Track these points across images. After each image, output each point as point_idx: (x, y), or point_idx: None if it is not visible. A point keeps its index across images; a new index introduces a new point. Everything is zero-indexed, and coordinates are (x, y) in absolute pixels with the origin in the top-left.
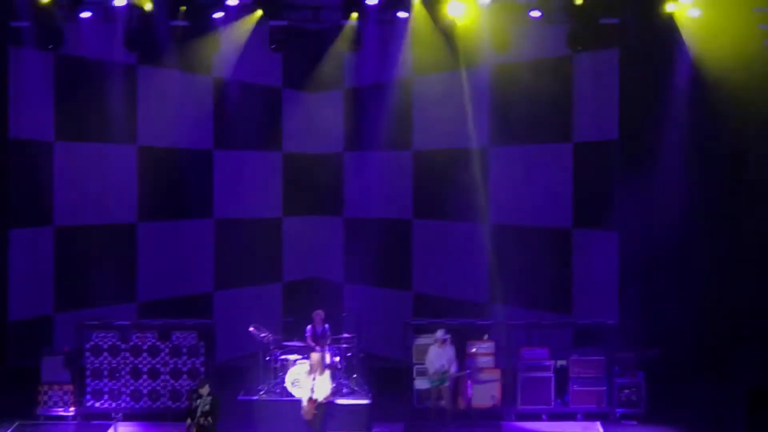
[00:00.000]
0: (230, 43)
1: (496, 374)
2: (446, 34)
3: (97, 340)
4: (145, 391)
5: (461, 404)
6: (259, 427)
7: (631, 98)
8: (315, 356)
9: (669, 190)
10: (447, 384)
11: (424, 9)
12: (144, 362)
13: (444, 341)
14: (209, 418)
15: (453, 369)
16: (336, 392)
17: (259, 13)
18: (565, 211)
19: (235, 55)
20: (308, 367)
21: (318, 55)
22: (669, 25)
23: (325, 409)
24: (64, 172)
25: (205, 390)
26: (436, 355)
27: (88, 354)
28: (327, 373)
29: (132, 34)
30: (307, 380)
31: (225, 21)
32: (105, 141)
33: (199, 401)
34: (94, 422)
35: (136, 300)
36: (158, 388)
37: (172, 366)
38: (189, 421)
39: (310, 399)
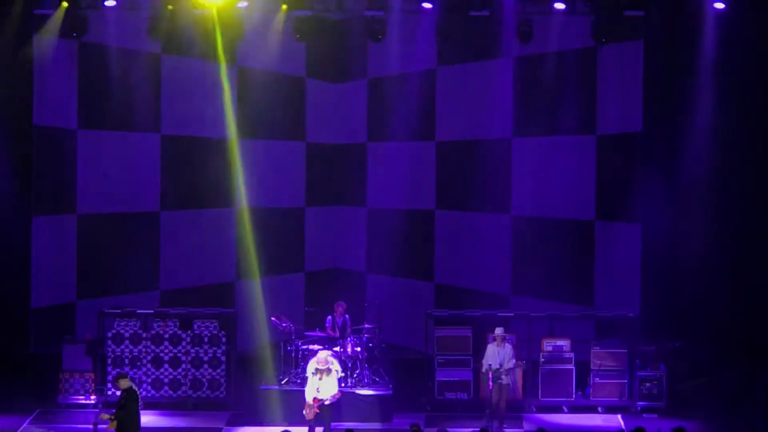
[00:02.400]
0: (254, 32)
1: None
2: (469, 25)
3: (118, 328)
4: (166, 380)
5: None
6: (280, 417)
7: (655, 90)
8: (321, 356)
9: (692, 182)
10: (502, 381)
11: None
12: (165, 351)
13: (503, 339)
14: (122, 414)
15: (510, 366)
16: (341, 393)
17: (284, 6)
18: (587, 203)
19: (259, 44)
20: (314, 368)
21: (342, 45)
22: (693, 17)
23: (331, 410)
24: (88, 160)
25: (123, 383)
26: (493, 352)
27: (109, 342)
28: (334, 373)
29: (156, 22)
30: (313, 380)
31: (249, 11)
32: (128, 129)
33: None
34: (115, 410)
35: (159, 288)
36: (179, 377)
37: (193, 355)
38: (104, 415)
39: (315, 399)
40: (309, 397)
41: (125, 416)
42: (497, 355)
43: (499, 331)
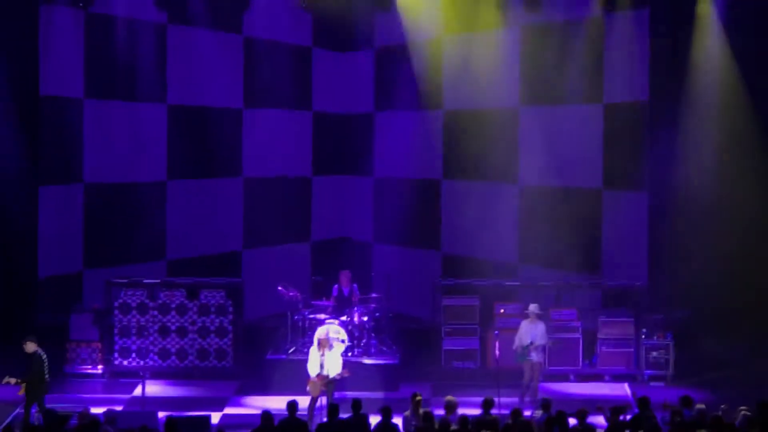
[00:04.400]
0: (260, 1)
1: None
2: None
3: (125, 297)
4: (173, 350)
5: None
6: (287, 386)
7: (661, 58)
8: (321, 331)
9: (699, 150)
10: (531, 359)
11: None
12: (172, 320)
13: (537, 316)
14: (31, 377)
15: (543, 343)
16: (346, 367)
17: None
18: (595, 171)
19: (265, 14)
20: (316, 343)
21: (348, 14)
22: None
23: (335, 385)
24: (94, 129)
25: (29, 347)
26: (526, 330)
27: (116, 312)
28: (336, 348)
29: None
30: (316, 355)
31: None
32: (135, 99)
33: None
34: (122, 380)
35: (165, 258)
36: (186, 346)
37: (200, 324)
38: (9, 378)
39: (320, 375)
40: (312, 372)
41: (33, 379)
42: (530, 332)
43: (532, 307)
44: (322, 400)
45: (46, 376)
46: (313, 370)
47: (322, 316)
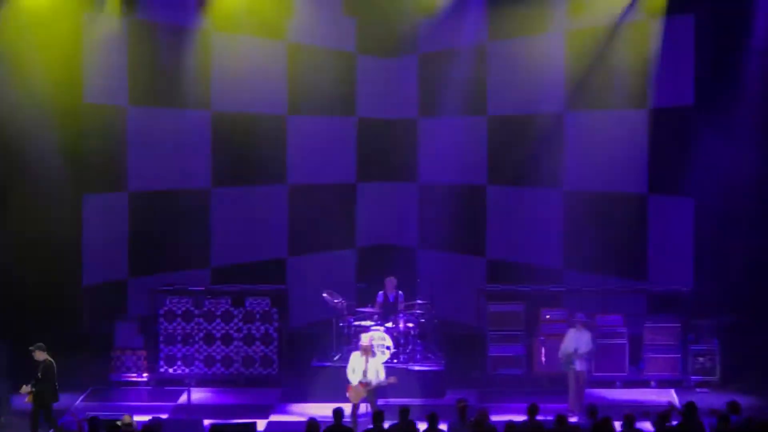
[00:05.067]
0: (304, 8)
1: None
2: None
3: (170, 305)
4: (218, 357)
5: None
6: (332, 394)
7: (706, 63)
8: (365, 337)
9: (745, 155)
10: (575, 367)
11: None
12: (217, 328)
13: (583, 324)
14: (42, 386)
15: (587, 352)
16: (392, 374)
17: None
18: (640, 177)
19: (309, 20)
20: (361, 350)
21: (393, 20)
22: None
23: (377, 393)
24: (139, 137)
25: (39, 355)
26: (572, 338)
27: (161, 319)
28: (380, 355)
29: None
30: (360, 362)
31: None
32: (179, 106)
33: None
34: (167, 388)
35: (210, 265)
36: (231, 354)
37: (245, 332)
38: (26, 387)
39: (361, 382)
40: (353, 378)
41: (44, 388)
42: (575, 340)
43: (579, 316)
44: (367, 407)
45: (56, 385)
46: (354, 376)
47: (368, 322)
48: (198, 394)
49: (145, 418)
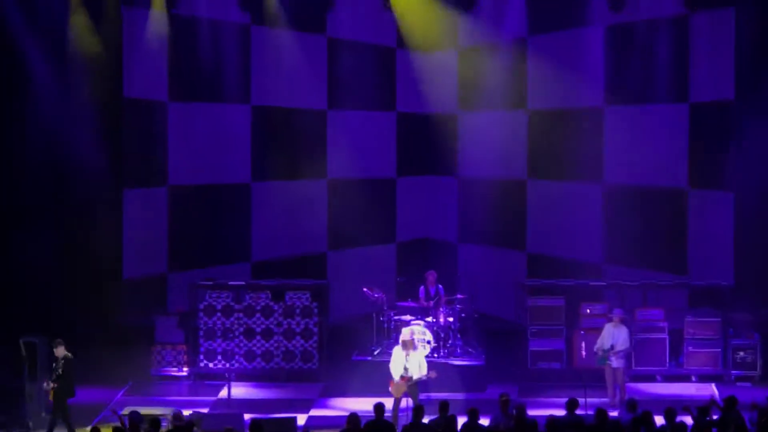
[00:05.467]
0: (344, 2)
1: None
2: None
3: (210, 300)
4: (258, 352)
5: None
6: (372, 388)
7: (747, 57)
8: (406, 332)
9: None
10: (611, 363)
11: None
12: (258, 322)
13: (621, 320)
14: (62, 382)
15: (623, 349)
16: (433, 369)
17: None
18: (680, 171)
19: (349, 14)
20: (401, 344)
21: (432, 14)
22: None
23: (418, 388)
24: (179, 131)
25: (59, 351)
26: (609, 333)
27: (201, 314)
28: (421, 349)
29: None
30: (401, 356)
31: None
32: (219, 101)
33: (55, 364)
34: (208, 382)
35: (250, 260)
36: (271, 348)
37: (285, 326)
38: (45, 384)
39: (403, 377)
40: (396, 374)
41: (64, 384)
42: (612, 336)
43: (617, 311)
44: (408, 402)
45: (73, 381)
46: (396, 371)
47: (408, 317)
48: (238, 389)
49: (186, 412)
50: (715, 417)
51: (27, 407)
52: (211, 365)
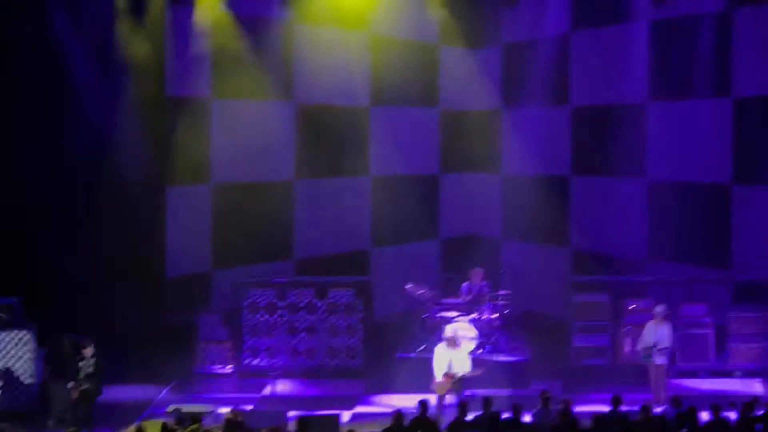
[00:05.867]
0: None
1: None
2: None
3: (254, 297)
4: (302, 349)
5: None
6: (417, 385)
7: None
8: (449, 329)
9: None
10: (654, 361)
11: None
12: (301, 320)
13: (663, 317)
14: (92, 381)
15: (666, 346)
16: (478, 365)
17: None
18: (724, 166)
19: (392, 11)
20: (445, 341)
21: (475, 10)
22: None
23: (462, 385)
24: (222, 129)
25: (88, 351)
26: (651, 330)
27: (245, 311)
28: (465, 346)
29: None
30: (445, 354)
31: None
32: (262, 98)
33: (81, 363)
34: (252, 379)
35: (293, 257)
36: (315, 345)
37: (329, 323)
38: (72, 383)
39: (447, 374)
40: (439, 371)
41: (95, 384)
42: (654, 333)
43: (659, 308)
44: (453, 398)
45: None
46: (439, 369)
47: (452, 313)
48: (282, 386)
49: (225, 410)
50: (759, 413)
51: (52, 406)
52: (255, 362)
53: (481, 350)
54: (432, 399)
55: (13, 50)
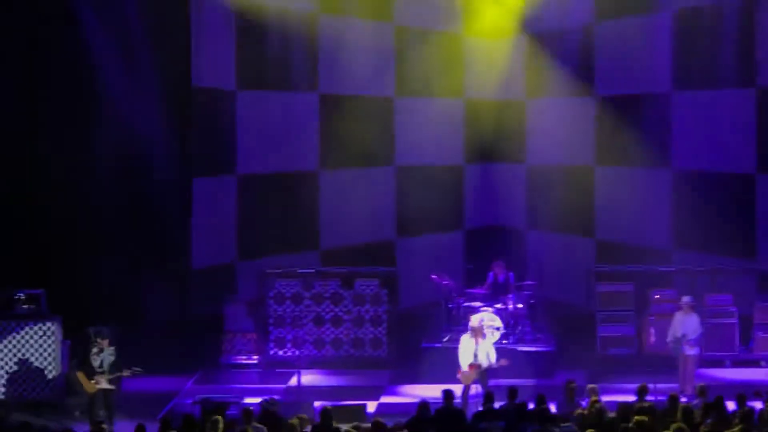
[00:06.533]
0: None
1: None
2: None
3: (280, 288)
4: (327, 339)
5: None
6: (442, 375)
7: None
8: (475, 319)
9: None
10: (683, 351)
11: None
12: (327, 310)
13: (690, 308)
14: (118, 369)
15: (695, 337)
16: (504, 356)
17: None
18: (749, 156)
19: (417, 1)
20: (470, 332)
21: (499, 1)
22: None
23: (487, 375)
24: (247, 120)
25: (105, 343)
26: (679, 322)
27: (271, 302)
28: (490, 337)
29: None
30: (470, 344)
31: None
32: (287, 89)
33: (102, 355)
34: (277, 370)
35: (319, 248)
36: (341, 336)
37: (355, 314)
38: (98, 378)
39: (472, 365)
40: (464, 362)
41: (117, 374)
42: (682, 324)
43: (686, 299)
44: (477, 388)
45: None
46: (465, 360)
47: (477, 303)
48: (308, 377)
49: (257, 400)
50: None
51: (76, 398)
52: (280, 353)
53: (506, 340)
54: (457, 389)
55: (40, 46)
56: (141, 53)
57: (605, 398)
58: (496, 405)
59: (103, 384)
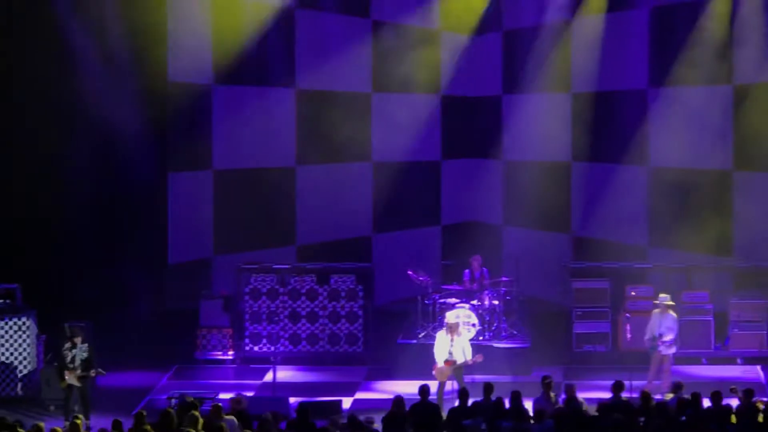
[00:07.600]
0: None
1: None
2: None
3: (255, 283)
4: (303, 335)
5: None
6: (417, 371)
7: None
8: (450, 315)
9: None
10: (660, 351)
11: None
12: (302, 306)
13: (666, 307)
14: (90, 366)
15: (672, 337)
16: (479, 352)
17: None
18: (725, 153)
19: None
20: (446, 328)
21: None
22: None
23: (463, 371)
24: (223, 115)
25: (78, 339)
26: (656, 321)
27: (246, 297)
28: (465, 333)
29: None
30: (446, 340)
31: None
32: (264, 84)
33: (74, 351)
34: (253, 366)
35: (295, 243)
36: (317, 331)
37: (330, 309)
38: (68, 374)
39: (447, 361)
40: (440, 358)
41: (92, 370)
42: (659, 323)
43: (661, 298)
44: (453, 385)
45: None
46: (440, 356)
47: (453, 300)
48: (283, 372)
49: (230, 395)
50: (764, 399)
51: (52, 392)
52: (256, 349)
53: (481, 337)
54: (433, 385)
55: (16, 40)
56: (117, 48)
57: (581, 395)
58: (471, 401)
59: (72, 380)
